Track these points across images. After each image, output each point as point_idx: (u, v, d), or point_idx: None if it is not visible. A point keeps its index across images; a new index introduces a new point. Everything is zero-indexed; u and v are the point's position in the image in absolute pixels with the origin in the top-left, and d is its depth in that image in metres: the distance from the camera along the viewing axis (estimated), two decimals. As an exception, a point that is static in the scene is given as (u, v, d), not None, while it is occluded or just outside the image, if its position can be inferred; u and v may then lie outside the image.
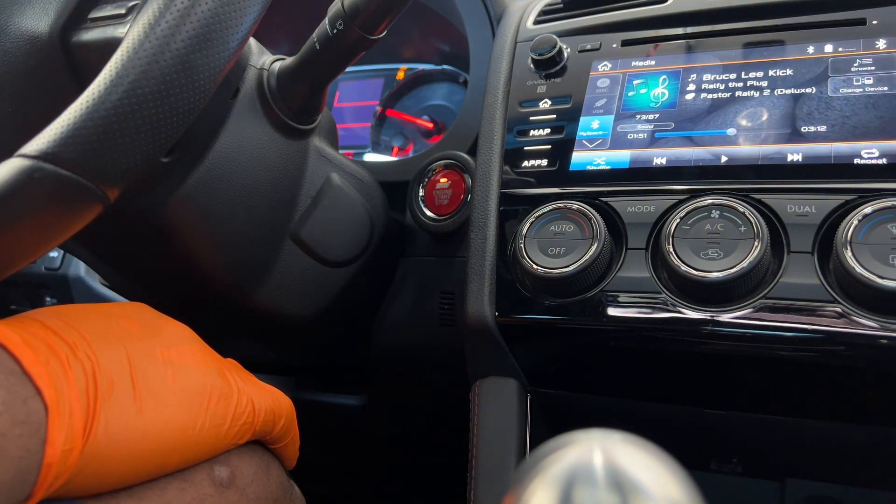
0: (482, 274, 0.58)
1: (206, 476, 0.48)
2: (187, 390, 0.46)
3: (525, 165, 0.61)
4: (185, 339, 0.49)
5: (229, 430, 0.48)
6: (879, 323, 0.45)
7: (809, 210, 0.49)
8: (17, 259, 0.42)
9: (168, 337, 0.48)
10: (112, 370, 0.43)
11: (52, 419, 0.39)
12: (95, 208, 0.42)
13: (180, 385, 0.46)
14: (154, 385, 0.44)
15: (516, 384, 0.58)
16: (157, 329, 0.48)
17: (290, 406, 0.55)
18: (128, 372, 0.44)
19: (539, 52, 0.64)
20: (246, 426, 0.50)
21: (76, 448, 0.40)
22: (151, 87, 0.40)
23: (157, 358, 0.46)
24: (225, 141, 0.56)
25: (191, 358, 0.48)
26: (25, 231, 0.40)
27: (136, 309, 0.50)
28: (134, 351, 0.45)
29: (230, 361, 0.54)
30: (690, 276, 0.48)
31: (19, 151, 0.40)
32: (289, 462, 0.57)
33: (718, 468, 0.61)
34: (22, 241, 0.40)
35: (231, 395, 0.49)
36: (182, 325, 0.51)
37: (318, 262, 0.66)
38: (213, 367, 0.49)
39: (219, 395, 0.48)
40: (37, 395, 0.38)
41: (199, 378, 0.47)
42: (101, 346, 0.43)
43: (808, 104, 0.54)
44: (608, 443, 0.27)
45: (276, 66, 0.59)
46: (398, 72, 1.00)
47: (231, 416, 0.48)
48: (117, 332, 0.45)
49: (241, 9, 0.43)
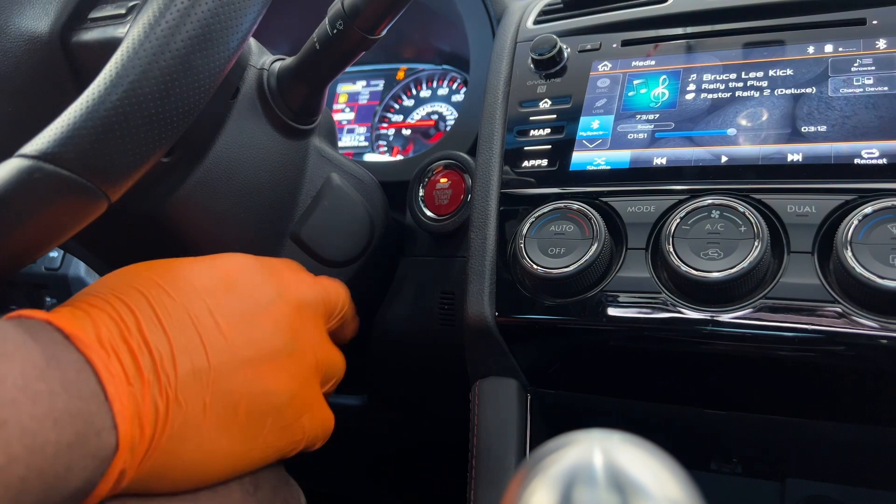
0: (482, 274, 0.58)
1: (236, 485, 0.47)
2: (252, 415, 0.45)
3: (525, 165, 0.61)
4: (275, 343, 0.47)
5: (274, 456, 0.48)
6: (879, 323, 0.44)
7: (809, 210, 0.49)
8: (18, 259, 0.42)
9: (258, 339, 0.46)
10: (187, 395, 0.41)
11: (121, 454, 0.38)
12: (96, 208, 0.42)
13: (246, 411, 0.45)
14: (224, 412, 0.43)
15: (516, 384, 0.58)
16: (251, 323, 0.46)
17: (332, 427, 0.54)
18: (201, 400, 0.42)
19: (539, 52, 0.64)
20: (288, 453, 0.49)
21: (129, 473, 0.39)
22: (151, 86, 0.40)
23: (238, 375, 0.44)
24: (225, 141, 0.56)
25: (271, 372, 0.46)
26: (26, 231, 0.40)
27: (238, 280, 0.47)
28: (216, 367, 0.43)
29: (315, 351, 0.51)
30: (690, 276, 0.48)
31: (19, 151, 0.40)
32: None
33: (718, 468, 0.61)
34: (22, 241, 0.40)
35: (288, 427, 0.48)
36: (279, 314, 0.48)
37: (318, 262, 0.65)
38: (289, 383, 0.47)
39: (278, 428, 0.47)
40: (113, 429, 0.37)
41: (267, 403, 0.46)
42: (184, 360, 0.42)
43: (809, 104, 0.54)
44: (608, 443, 0.27)
45: (276, 66, 0.59)
46: (398, 72, 1.00)
47: (281, 448, 0.48)
48: (207, 333, 0.43)
49: (241, 9, 0.43)
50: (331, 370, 0.54)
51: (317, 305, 0.53)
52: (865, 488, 0.57)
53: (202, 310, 0.44)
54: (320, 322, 0.54)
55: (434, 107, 0.96)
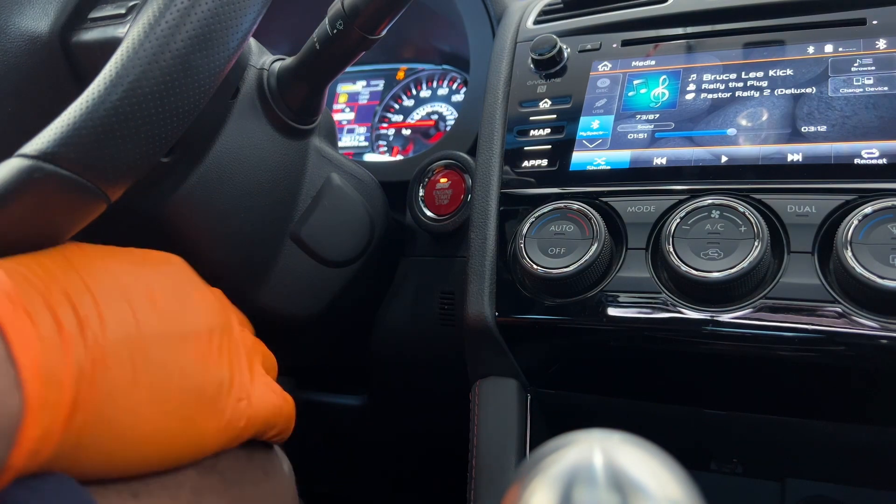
0: (482, 274, 0.58)
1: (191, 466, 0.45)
2: (186, 393, 0.43)
3: (525, 165, 0.61)
4: (209, 320, 0.46)
5: (214, 443, 0.45)
6: (879, 323, 0.44)
7: (809, 210, 0.49)
8: (17, 259, 0.41)
9: (191, 316, 0.45)
10: (117, 360, 0.39)
11: (30, 416, 0.34)
12: (95, 208, 0.42)
13: (179, 386, 0.42)
14: (157, 384, 0.41)
15: (516, 384, 0.58)
16: (183, 300, 0.45)
17: (290, 413, 0.52)
18: (131, 367, 0.40)
19: (539, 52, 0.64)
20: (233, 440, 0.47)
21: (51, 439, 0.36)
22: (151, 86, 0.40)
23: (170, 347, 0.42)
24: (225, 141, 0.56)
25: (204, 349, 0.44)
26: (25, 231, 0.40)
27: (169, 268, 0.47)
28: (148, 337, 0.41)
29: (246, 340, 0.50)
30: (690, 276, 0.48)
31: (19, 151, 0.40)
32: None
33: (718, 468, 0.61)
34: (22, 241, 0.40)
35: (225, 410, 0.45)
36: (211, 297, 0.48)
37: (318, 262, 0.65)
38: (224, 363, 0.46)
39: (217, 410, 0.44)
40: (16, 389, 0.34)
41: (201, 380, 0.44)
42: (114, 326, 0.39)
43: (809, 104, 0.54)
44: (608, 443, 0.27)
45: (276, 66, 0.59)
46: (398, 72, 1.00)
47: (219, 430, 0.45)
48: (138, 303, 0.42)
49: (240, 9, 0.43)
50: (269, 359, 0.53)
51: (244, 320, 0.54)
52: (865, 488, 0.57)
53: (133, 281, 0.42)
54: (248, 325, 0.54)
55: (434, 107, 0.96)
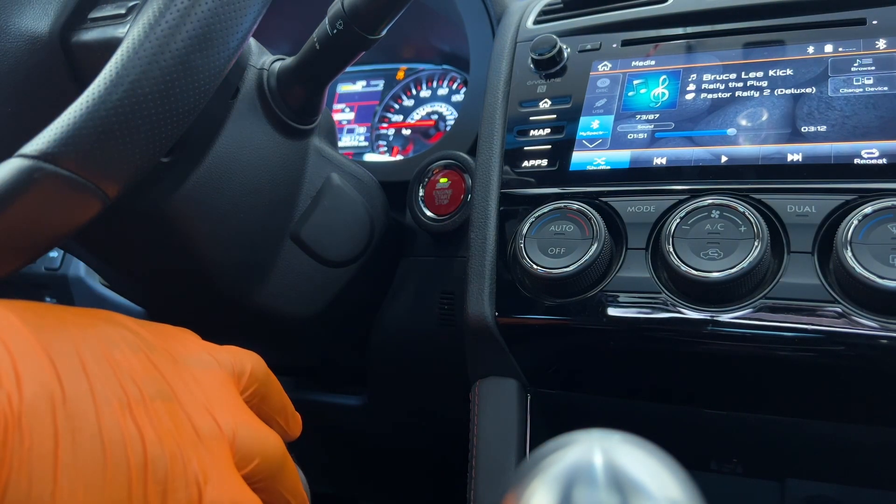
0: (482, 274, 0.58)
1: None
2: (122, 469, 0.34)
3: (525, 165, 0.61)
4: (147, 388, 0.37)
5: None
6: (879, 323, 0.44)
7: (809, 210, 0.49)
8: (17, 259, 0.41)
9: (126, 381, 0.36)
10: (35, 423, 0.32)
11: None
12: (96, 208, 0.42)
13: (114, 460, 0.34)
14: (82, 456, 0.33)
15: (516, 384, 0.58)
16: (116, 364, 0.37)
17: (278, 449, 0.42)
18: (52, 433, 0.32)
19: (539, 52, 0.64)
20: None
21: None
22: (151, 87, 0.40)
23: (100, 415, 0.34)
24: (225, 141, 0.56)
25: (143, 419, 0.36)
26: (25, 231, 0.40)
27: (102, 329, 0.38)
28: (73, 399, 0.33)
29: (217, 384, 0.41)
30: (690, 276, 0.48)
31: (19, 151, 0.40)
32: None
33: (718, 468, 0.61)
34: (22, 241, 0.40)
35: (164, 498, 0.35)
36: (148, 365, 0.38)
37: (318, 262, 0.65)
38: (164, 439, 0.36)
39: (161, 496, 0.35)
40: None
41: (139, 458, 0.35)
42: (31, 384, 0.32)
43: (809, 104, 0.54)
44: (608, 443, 0.27)
45: (276, 66, 0.59)
46: (398, 72, 1.00)
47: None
48: (62, 362, 0.34)
49: (240, 9, 0.43)
50: (247, 445, 0.40)
51: (207, 365, 0.42)
52: (865, 488, 0.57)
53: (58, 343, 0.35)
54: (220, 384, 0.42)
55: (434, 107, 0.96)
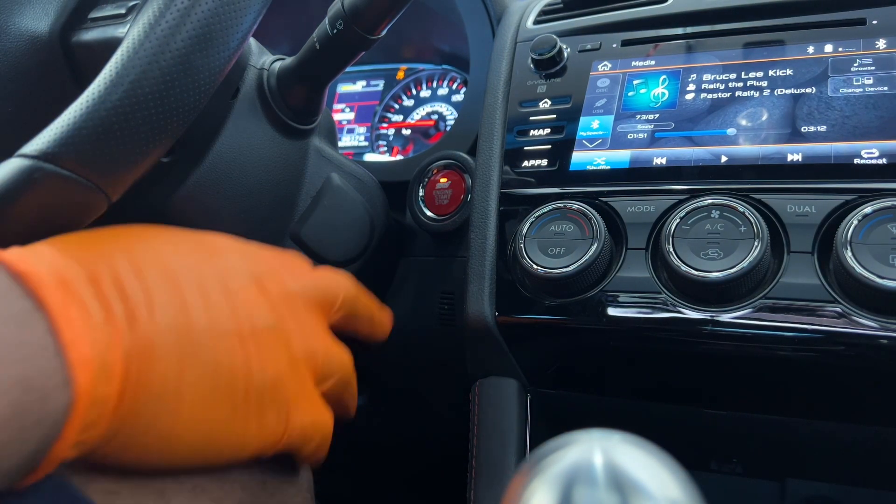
0: (482, 274, 0.58)
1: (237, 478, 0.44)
2: (232, 391, 0.41)
3: (525, 165, 0.61)
4: (260, 320, 0.43)
5: (252, 448, 0.43)
6: (879, 323, 0.44)
7: (809, 210, 0.49)
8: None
9: (243, 313, 0.42)
10: (164, 351, 0.37)
11: (79, 408, 0.33)
12: (96, 208, 0.42)
13: (225, 385, 0.40)
14: (202, 380, 0.39)
15: (516, 384, 0.58)
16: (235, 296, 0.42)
17: (328, 430, 0.49)
18: (178, 360, 0.38)
19: (539, 52, 0.64)
20: (270, 446, 0.44)
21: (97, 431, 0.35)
22: (151, 86, 0.40)
23: (219, 344, 0.40)
24: (225, 141, 0.56)
25: (252, 350, 0.42)
26: (26, 231, 0.40)
27: (223, 261, 0.44)
28: (197, 330, 0.39)
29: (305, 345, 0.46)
30: (690, 276, 0.48)
31: (19, 151, 0.40)
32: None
33: (718, 468, 0.61)
34: (21, 241, 0.40)
35: (271, 415, 0.43)
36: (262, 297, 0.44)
37: (318, 261, 0.65)
38: (270, 367, 0.43)
39: (260, 413, 0.42)
40: (65, 386, 0.32)
41: (247, 382, 0.41)
42: (162, 315, 0.38)
43: (808, 104, 0.54)
44: (608, 443, 0.27)
45: (276, 65, 0.59)
46: (398, 72, 1.00)
47: (259, 435, 0.43)
48: (189, 293, 0.40)
49: (241, 8, 0.43)
50: (328, 366, 0.48)
51: (308, 294, 0.48)
52: (865, 488, 0.57)
53: (184, 272, 0.41)
54: (315, 312, 0.49)
55: (434, 107, 0.96)
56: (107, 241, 0.40)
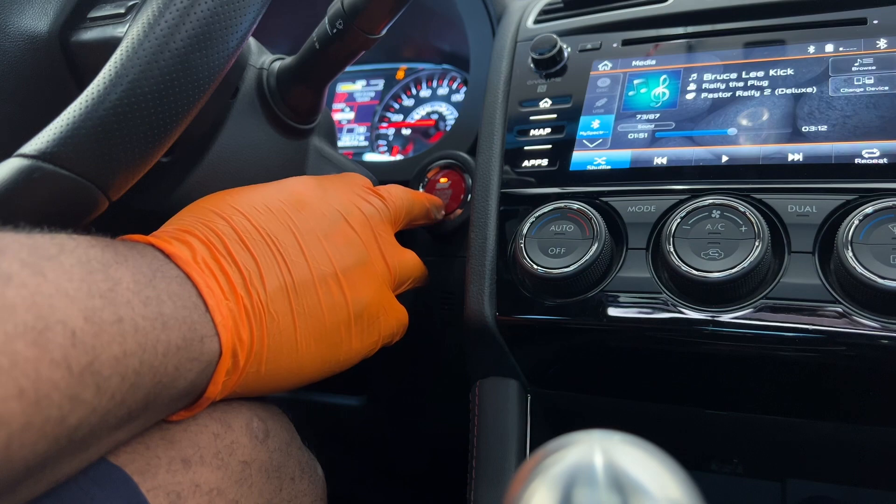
0: (482, 274, 0.58)
1: (244, 425, 0.48)
2: (336, 324, 0.50)
3: (525, 165, 0.61)
4: (351, 258, 0.51)
5: (357, 356, 0.53)
6: (880, 323, 0.44)
7: (810, 210, 0.49)
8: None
9: (336, 256, 0.50)
10: (277, 308, 0.46)
11: (224, 360, 0.42)
12: (95, 207, 0.42)
13: (329, 321, 0.49)
14: (311, 323, 0.48)
15: (516, 384, 0.58)
16: (325, 242, 0.50)
17: (405, 323, 0.59)
18: (290, 313, 0.47)
19: (539, 52, 0.64)
20: (370, 351, 0.55)
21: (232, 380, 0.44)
22: (151, 86, 0.40)
23: (319, 289, 0.49)
24: (224, 140, 0.56)
25: (346, 286, 0.50)
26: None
27: (309, 212, 0.51)
28: (300, 284, 0.47)
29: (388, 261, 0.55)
30: (691, 276, 0.48)
31: (19, 151, 0.40)
32: None
33: (719, 468, 0.61)
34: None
35: (367, 329, 0.53)
36: (351, 234, 0.53)
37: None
38: (363, 295, 0.52)
39: (359, 331, 0.52)
40: (215, 336, 0.41)
41: (346, 313, 0.50)
42: (271, 278, 0.46)
43: (809, 104, 0.54)
44: (608, 443, 0.27)
45: (275, 65, 0.59)
46: (398, 71, 1.00)
47: (360, 347, 0.53)
48: (288, 253, 0.48)
49: (240, 8, 0.43)
50: (404, 272, 0.58)
51: (380, 214, 0.56)
52: (865, 488, 0.57)
53: (280, 230, 0.48)
54: (387, 228, 0.57)
55: (434, 106, 0.96)
56: (213, 217, 0.47)
